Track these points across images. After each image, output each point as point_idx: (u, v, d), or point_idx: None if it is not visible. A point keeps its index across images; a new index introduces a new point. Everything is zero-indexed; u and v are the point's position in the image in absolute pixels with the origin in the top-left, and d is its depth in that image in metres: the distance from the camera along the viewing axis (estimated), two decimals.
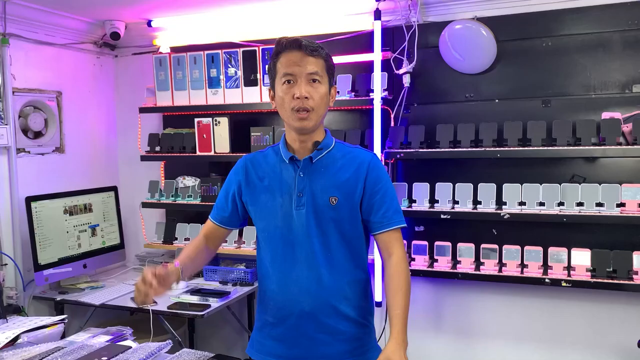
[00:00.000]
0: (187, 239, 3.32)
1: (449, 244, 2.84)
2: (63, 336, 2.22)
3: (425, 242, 2.88)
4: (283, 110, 1.68)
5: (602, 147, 2.52)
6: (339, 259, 1.71)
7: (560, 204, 2.64)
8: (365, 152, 1.79)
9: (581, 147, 2.56)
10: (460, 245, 2.82)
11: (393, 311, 1.63)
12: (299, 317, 1.69)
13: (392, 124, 2.95)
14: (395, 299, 1.64)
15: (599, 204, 2.57)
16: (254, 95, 3.10)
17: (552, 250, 2.67)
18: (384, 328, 3.03)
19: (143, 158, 3.39)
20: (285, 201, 1.70)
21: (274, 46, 1.70)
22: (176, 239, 3.36)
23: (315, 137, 1.73)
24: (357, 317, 1.74)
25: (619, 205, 2.54)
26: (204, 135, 3.19)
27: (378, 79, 2.83)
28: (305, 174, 1.70)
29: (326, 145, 1.73)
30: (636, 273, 2.52)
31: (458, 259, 2.81)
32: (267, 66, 1.76)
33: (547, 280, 2.62)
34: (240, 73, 3.12)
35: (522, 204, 2.69)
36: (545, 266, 2.69)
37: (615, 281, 2.52)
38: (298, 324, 1.69)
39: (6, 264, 2.93)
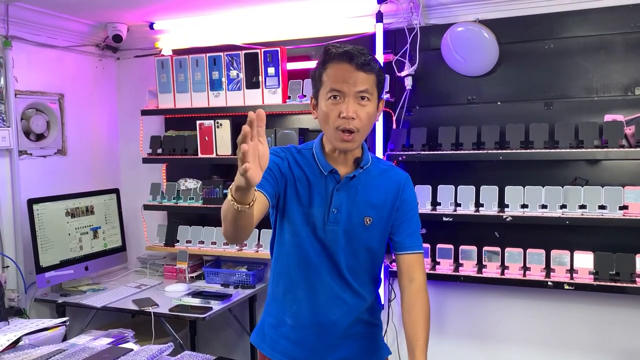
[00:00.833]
0: (188, 241, 3.31)
1: (451, 246, 2.83)
2: (64, 339, 2.21)
3: (428, 245, 2.86)
4: (326, 126, 1.58)
5: (605, 149, 2.51)
6: (363, 274, 1.71)
7: (563, 206, 2.63)
8: (401, 171, 1.77)
9: (583, 150, 2.55)
10: (462, 247, 2.81)
11: (415, 341, 1.62)
12: (323, 326, 1.69)
13: (394, 126, 2.95)
14: (417, 329, 1.63)
15: (602, 207, 2.56)
16: (256, 98, 3.10)
17: (554, 253, 2.66)
18: (385, 330, 3.03)
19: (145, 160, 3.39)
20: (318, 213, 1.65)
21: (322, 53, 1.59)
22: (178, 241, 3.35)
23: (355, 152, 1.66)
24: (371, 318, 1.77)
25: (621, 208, 2.53)
26: (206, 138, 3.19)
27: None
28: (342, 190, 1.65)
29: (365, 162, 1.69)
30: (639, 276, 2.51)
31: (460, 261, 2.80)
32: (311, 73, 1.64)
33: (549, 283, 2.60)
34: (242, 75, 3.12)
35: (524, 206, 2.68)
36: (548, 269, 2.67)
37: (618, 284, 2.51)
38: (321, 332, 1.69)
39: (8, 266, 2.93)
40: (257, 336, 1.83)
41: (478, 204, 2.78)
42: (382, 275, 2.93)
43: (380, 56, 2.83)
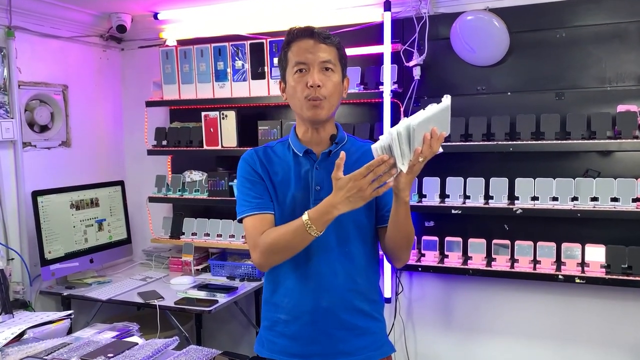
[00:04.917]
0: (194, 234, 3.29)
1: (459, 239, 2.80)
2: (69, 332, 2.20)
3: (436, 238, 2.84)
4: (295, 100, 1.64)
5: (618, 140, 2.46)
6: (355, 253, 1.68)
7: (574, 198, 2.59)
8: None
9: (596, 141, 2.51)
10: (471, 240, 2.78)
11: None
12: (315, 313, 1.66)
13: (402, 117, 2.90)
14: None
15: (614, 199, 2.52)
16: (262, 89, 3.06)
17: (565, 246, 2.62)
18: (392, 324, 3.01)
19: (150, 152, 3.36)
20: (301, 194, 1.66)
21: (284, 37, 1.66)
22: (183, 233, 3.33)
23: (329, 129, 1.70)
24: (371, 312, 1.73)
25: (634, 200, 2.49)
26: (211, 129, 3.16)
27: (388, 72, 2.79)
28: (322, 167, 1.67)
29: (341, 139, 1.72)
30: None
31: (469, 254, 2.77)
32: (277, 57, 1.71)
33: (560, 276, 2.57)
34: (247, 66, 3.08)
35: (534, 198, 2.64)
36: (559, 262, 2.64)
37: (631, 278, 2.47)
38: (314, 320, 1.66)
39: (13, 259, 2.92)
40: (257, 344, 1.81)
41: (487, 196, 2.74)
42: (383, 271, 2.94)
43: (388, 46, 2.78)
